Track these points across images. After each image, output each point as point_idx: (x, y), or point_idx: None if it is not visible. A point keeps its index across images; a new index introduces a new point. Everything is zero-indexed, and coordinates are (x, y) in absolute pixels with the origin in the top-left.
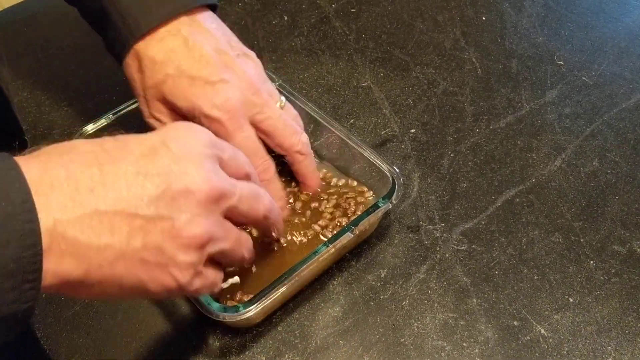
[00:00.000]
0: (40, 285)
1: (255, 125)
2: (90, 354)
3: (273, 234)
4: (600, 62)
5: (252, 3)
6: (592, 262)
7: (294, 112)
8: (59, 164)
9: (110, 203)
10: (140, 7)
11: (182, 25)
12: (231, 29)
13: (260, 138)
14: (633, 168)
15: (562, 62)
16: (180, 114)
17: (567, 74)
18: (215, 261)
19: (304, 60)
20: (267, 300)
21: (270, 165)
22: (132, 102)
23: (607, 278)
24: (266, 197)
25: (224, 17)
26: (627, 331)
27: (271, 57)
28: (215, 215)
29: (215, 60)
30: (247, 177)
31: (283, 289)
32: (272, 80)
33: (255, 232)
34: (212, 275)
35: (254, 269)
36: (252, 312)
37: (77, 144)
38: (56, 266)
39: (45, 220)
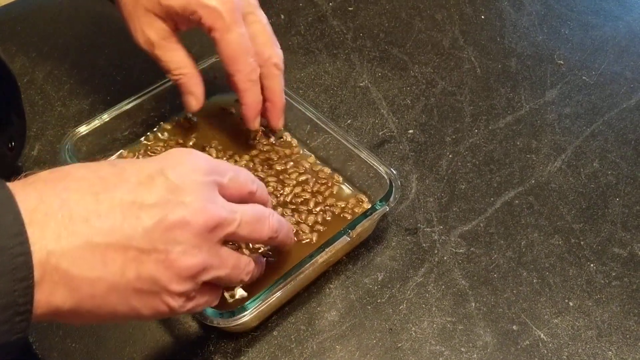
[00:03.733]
0: (30, 317)
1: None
2: (83, 359)
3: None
4: (601, 62)
5: None
6: (592, 265)
7: None
8: (54, 193)
9: (104, 234)
10: None
11: None
12: None
13: None
14: (634, 169)
15: (562, 62)
16: (176, 15)
17: (567, 73)
18: (213, 283)
19: (301, 60)
20: (263, 305)
21: (257, 67)
22: (126, 102)
23: (607, 281)
24: (272, 217)
25: None
26: (628, 335)
27: None
28: (210, 244)
29: None
30: (250, 196)
31: (279, 293)
32: None
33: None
34: (205, 298)
35: None
36: (247, 316)
37: (72, 170)
38: (48, 297)
39: (38, 252)
